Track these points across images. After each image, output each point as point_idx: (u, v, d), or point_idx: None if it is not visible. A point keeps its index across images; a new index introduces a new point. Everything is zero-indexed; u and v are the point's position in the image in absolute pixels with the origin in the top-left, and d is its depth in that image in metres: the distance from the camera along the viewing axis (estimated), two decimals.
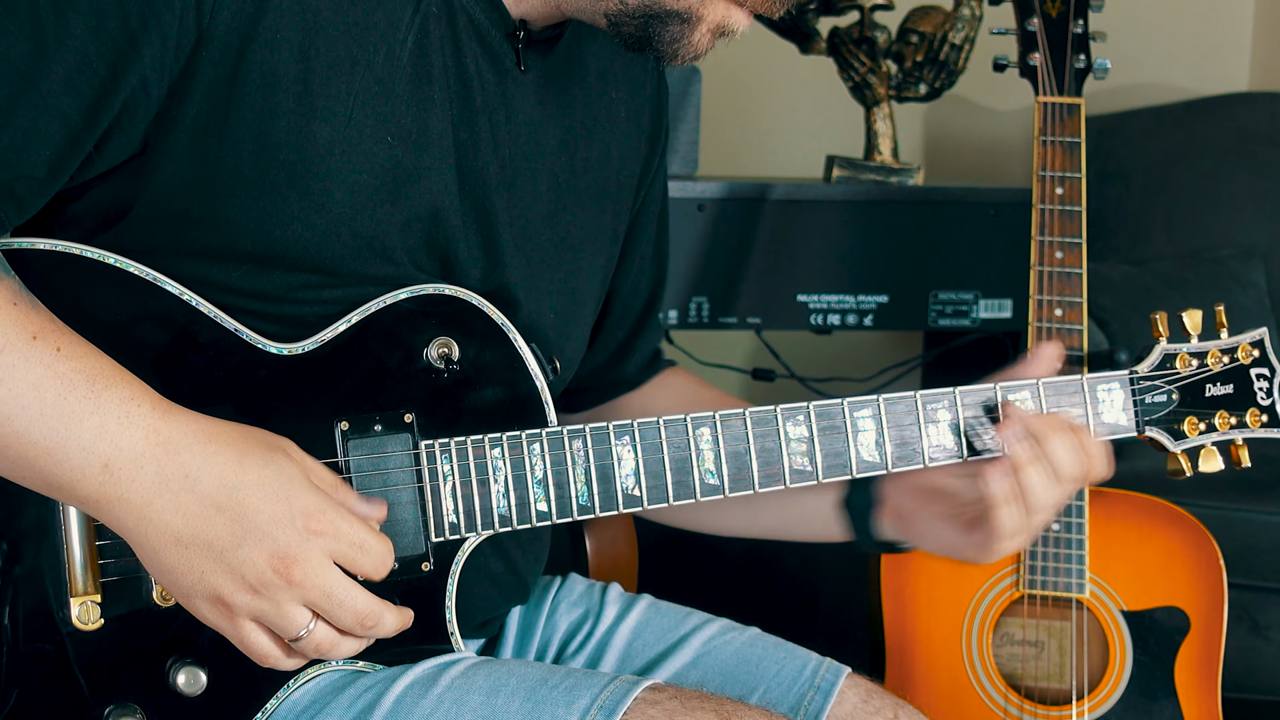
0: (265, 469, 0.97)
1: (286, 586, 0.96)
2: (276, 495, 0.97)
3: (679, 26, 1.10)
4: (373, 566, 1.00)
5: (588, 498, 1.11)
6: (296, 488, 0.98)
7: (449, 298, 1.11)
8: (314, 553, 0.97)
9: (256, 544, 0.96)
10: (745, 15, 1.12)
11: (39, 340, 0.95)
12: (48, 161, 0.98)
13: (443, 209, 1.12)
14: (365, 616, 1.00)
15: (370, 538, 1.00)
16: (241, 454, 0.97)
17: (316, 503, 0.98)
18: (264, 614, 0.98)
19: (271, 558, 0.96)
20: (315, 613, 0.99)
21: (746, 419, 1.14)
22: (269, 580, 0.96)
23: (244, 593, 0.96)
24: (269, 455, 0.98)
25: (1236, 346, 1.27)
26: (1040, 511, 1.14)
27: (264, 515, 0.96)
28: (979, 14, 2.11)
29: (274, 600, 0.97)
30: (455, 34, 1.12)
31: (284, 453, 0.99)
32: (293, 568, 0.96)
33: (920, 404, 1.16)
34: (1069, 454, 1.14)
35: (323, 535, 0.97)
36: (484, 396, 1.11)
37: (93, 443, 0.94)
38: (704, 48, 1.12)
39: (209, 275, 1.05)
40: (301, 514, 0.97)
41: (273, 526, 0.96)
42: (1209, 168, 2.91)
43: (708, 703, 1.07)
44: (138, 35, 0.98)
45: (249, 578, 0.96)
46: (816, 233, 2.02)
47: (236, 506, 0.96)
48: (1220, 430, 1.25)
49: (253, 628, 0.99)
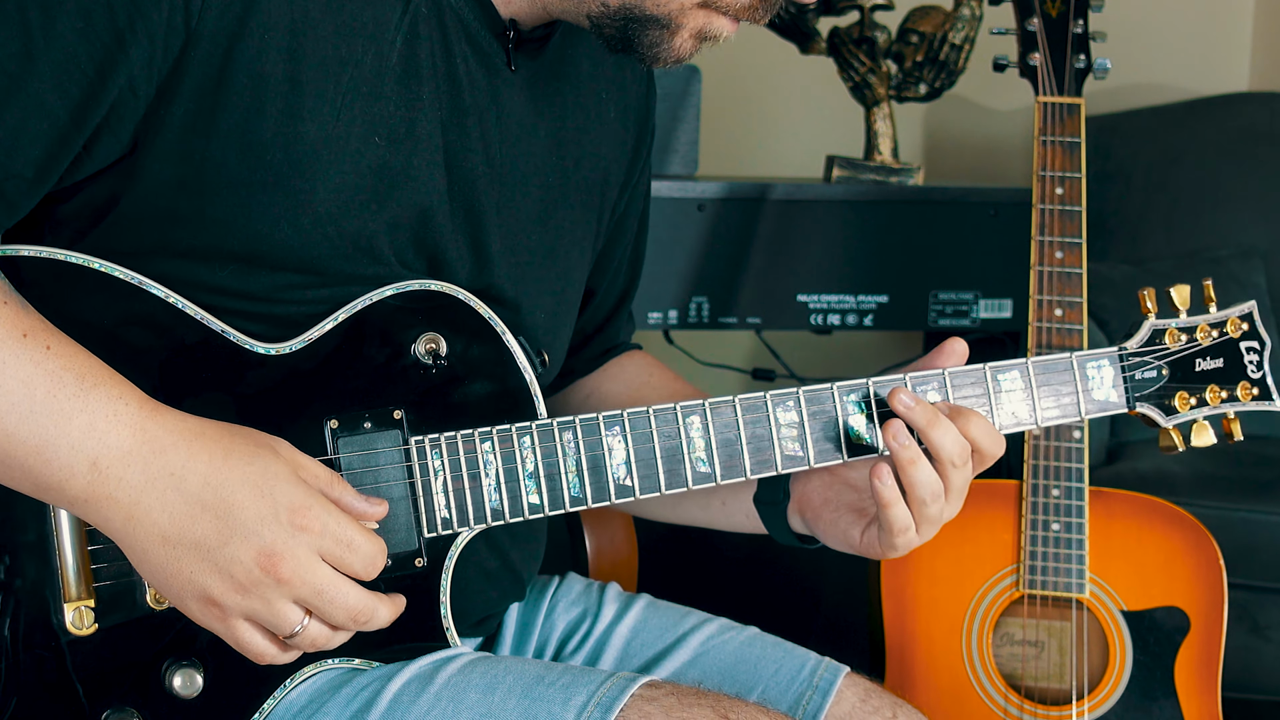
0: (250, 465, 0.97)
1: (275, 584, 0.96)
2: (261, 491, 0.96)
3: (658, 31, 1.10)
4: (362, 565, 0.99)
5: (579, 489, 1.11)
6: (281, 483, 0.97)
7: (435, 293, 1.11)
8: (301, 549, 0.97)
9: (243, 541, 0.95)
10: (729, 22, 1.12)
11: (29, 338, 0.95)
12: (36, 162, 0.99)
13: (431, 209, 1.12)
14: (358, 612, 0.99)
15: (359, 536, 0.99)
16: (227, 451, 0.97)
17: (302, 498, 0.97)
18: (256, 613, 0.97)
19: (259, 555, 0.96)
20: (307, 609, 0.98)
21: (736, 406, 1.13)
22: (257, 579, 0.96)
23: (234, 592, 0.96)
24: (255, 452, 0.98)
25: (1225, 320, 1.26)
26: (933, 502, 1.13)
27: (249, 512, 0.96)
28: (979, 14, 2.11)
29: (264, 599, 0.97)
30: (445, 34, 1.12)
31: (271, 449, 0.99)
32: (280, 565, 0.96)
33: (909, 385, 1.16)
34: (952, 443, 1.12)
35: (309, 531, 0.97)
36: (473, 391, 1.11)
37: (81, 441, 0.94)
38: (687, 52, 1.12)
39: (196, 276, 1.05)
40: (287, 509, 0.97)
41: (258, 524, 0.96)
42: (1209, 168, 2.91)
43: (705, 699, 1.07)
44: (125, 36, 0.98)
45: (237, 576, 0.96)
46: (816, 233, 2.02)
47: (221, 504, 0.96)
48: (1211, 404, 1.25)
49: (246, 627, 0.98)
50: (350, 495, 1.02)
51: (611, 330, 1.43)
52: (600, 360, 1.43)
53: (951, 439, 1.12)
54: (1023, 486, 1.68)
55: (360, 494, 1.02)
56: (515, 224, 1.20)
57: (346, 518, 0.99)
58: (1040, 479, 1.67)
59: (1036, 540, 1.67)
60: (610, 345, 1.44)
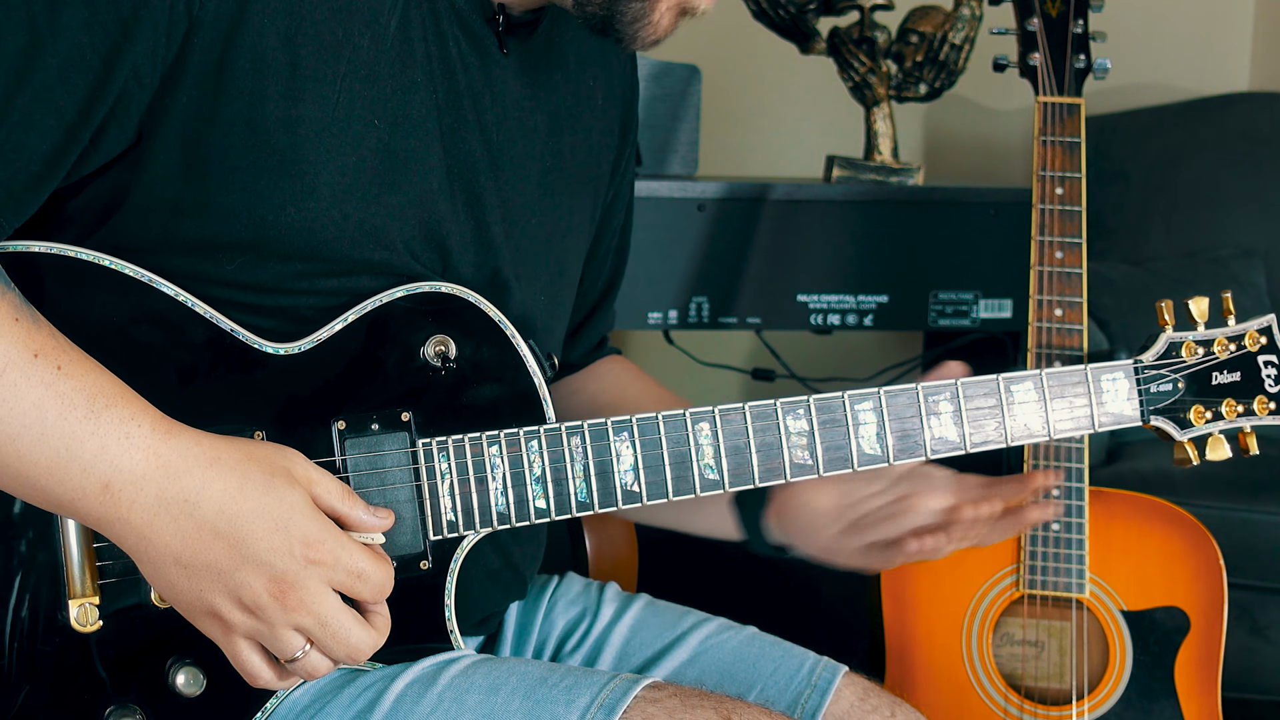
0: (266, 496, 0.97)
1: (283, 611, 0.97)
2: (276, 524, 0.97)
3: (640, 4, 1.10)
4: (371, 594, 1.00)
5: (586, 494, 1.11)
6: (296, 516, 0.97)
7: (446, 295, 1.11)
8: (312, 581, 0.97)
9: (255, 569, 0.96)
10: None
11: (40, 359, 0.95)
12: (44, 156, 0.98)
13: (431, 192, 1.12)
14: (357, 651, 1.00)
15: (369, 566, 0.99)
16: (243, 479, 0.97)
17: (316, 532, 0.98)
18: (259, 634, 0.98)
19: (269, 583, 0.96)
20: (309, 639, 0.99)
21: (746, 413, 1.13)
22: (265, 603, 0.96)
23: (240, 612, 0.97)
24: (270, 480, 0.98)
25: (1244, 334, 1.25)
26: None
27: (263, 545, 0.96)
28: (979, 14, 2.11)
29: (269, 623, 0.97)
30: (436, 17, 1.12)
31: (287, 475, 0.99)
32: (289, 593, 0.96)
33: (921, 396, 1.16)
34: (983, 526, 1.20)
35: (321, 565, 0.97)
36: (481, 394, 1.11)
37: (93, 464, 0.94)
38: (665, 27, 1.12)
39: (204, 270, 1.05)
40: (301, 543, 0.97)
41: (271, 555, 0.96)
42: (1209, 168, 2.91)
43: (708, 700, 1.07)
44: (130, 25, 0.98)
45: (246, 599, 0.96)
46: (816, 233, 2.02)
47: (235, 534, 0.96)
48: (1228, 418, 1.24)
49: (247, 645, 0.99)
50: (360, 510, 1.02)
51: (598, 322, 1.43)
52: (589, 358, 1.43)
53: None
54: None
55: (370, 507, 1.03)
56: (515, 207, 1.20)
57: (358, 548, 0.99)
58: None
59: (1036, 540, 1.67)
60: (597, 340, 1.44)
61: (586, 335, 1.43)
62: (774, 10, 2.13)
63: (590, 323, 1.42)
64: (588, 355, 1.44)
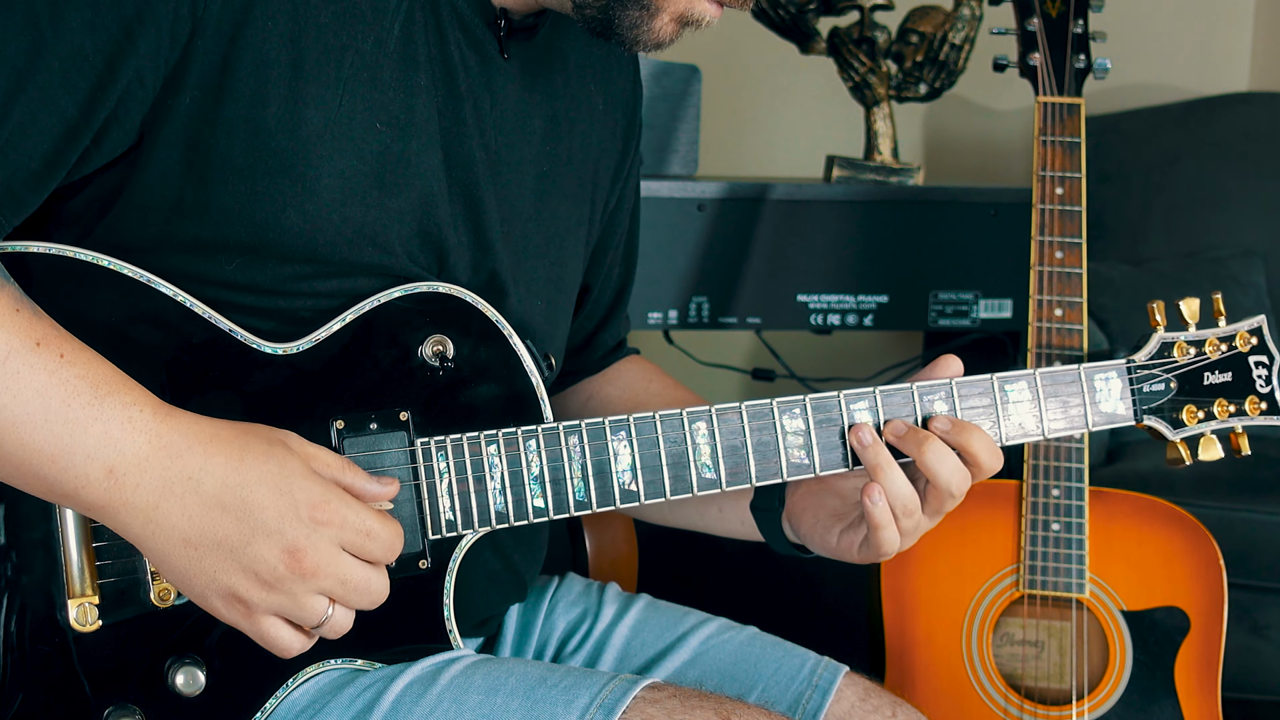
0: (266, 464, 0.97)
1: (301, 579, 0.97)
2: (279, 489, 0.97)
3: (638, 12, 1.10)
4: (382, 551, 1.00)
5: (584, 494, 1.11)
6: (298, 479, 0.98)
7: (444, 295, 1.11)
8: (323, 543, 0.97)
9: (265, 540, 0.96)
10: (713, 7, 1.12)
11: (42, 347, 0.95)
12: (45, 156, 0.99)
13: (431, 195, 1.12)
14: (379, 597, 1.01)
15: (376, 524, 1.00)
16: (242, 450, 0.97)
17: (320, 493, 0.98)
18: (283, 608, 0.98)
19: (283, 553, 0.96)
20: (331, 599, 0.99)
21: (743, 412, 1.13)
22: (283, 575, 0.96)
23: (260, 589, 0.97)
24: (269, 450, 0.98)
25: (1235, 334, 1.26)
26: (904, 517, 1.14)
27: (269, 511, 0.96)
28: (979, 14, 2.11)
29: (290, 593, 0.97)
30: (439, 20, 1.12)
31: (284, 445, 0.99)
32: (304, 559, 0.96)
33: (917, 395, 1.16)
34: (944, 466, 1.13)
35: (329, 525, 0.97)
36: (479, 393, 1.11)
37: (97, 449, 0.95)
38: (668, 36, 1.12)
39: (203, 271, 1.05)
40: (306, 505, 0.97)
41: (279, 521, 0.96)
42: (1209, 168, 2.91)
43: (707, 701, 1.07)
44: (133, 28, 0.99)
45: (262, 574, 0.96)
46: (816, 233, 2.02)
47: (241, 505, 0.96)
48: (1219, 418, 1.25)
49: (272, 622, 0.99)
50: (362, 479, 1.02)
51: (612, 328, 1.43)
52: (605, 362, 1.43)
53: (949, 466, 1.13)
54: (1023, 486, 1.68)
55: (371, 476, 1.03)
56: (513, 211, 1.20)
57: (364, 507, 1.00)
58: (1040, 479, 1.67)
59: (1036, 540, 1.67)
60: (613, 345, 1.44)
61: (602, 341, 1.43)
62: (774, 10, 2.13)
63: (605, 329, 1.42)
64: (604, 359, 1.44)
